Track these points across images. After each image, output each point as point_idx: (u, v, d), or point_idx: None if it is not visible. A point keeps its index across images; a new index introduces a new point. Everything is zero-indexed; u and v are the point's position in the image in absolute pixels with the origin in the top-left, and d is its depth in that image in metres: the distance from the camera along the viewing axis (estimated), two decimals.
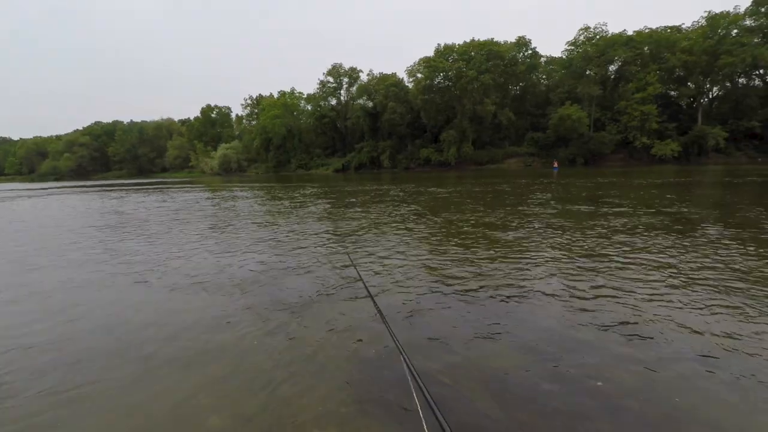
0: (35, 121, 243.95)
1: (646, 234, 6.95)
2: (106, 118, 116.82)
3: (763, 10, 41.62)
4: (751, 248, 5.74)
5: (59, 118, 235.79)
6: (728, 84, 45.00)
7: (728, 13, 42.50)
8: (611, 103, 46.13)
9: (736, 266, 4.93)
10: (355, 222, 9.52)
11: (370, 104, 59.28)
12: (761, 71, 43.81)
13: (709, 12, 43.42)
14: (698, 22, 45.26)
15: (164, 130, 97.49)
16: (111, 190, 29.08)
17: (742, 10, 42.45)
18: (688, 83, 45.61)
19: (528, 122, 51.79)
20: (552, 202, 12.19)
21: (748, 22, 42.20)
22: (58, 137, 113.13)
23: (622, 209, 9.93)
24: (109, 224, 10.77)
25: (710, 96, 47.05)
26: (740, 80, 44.87)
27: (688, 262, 5.17)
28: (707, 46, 41.38)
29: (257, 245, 7.25)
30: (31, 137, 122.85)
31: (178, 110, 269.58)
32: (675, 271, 4.82)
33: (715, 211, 9.33)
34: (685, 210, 9.66)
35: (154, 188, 29.89)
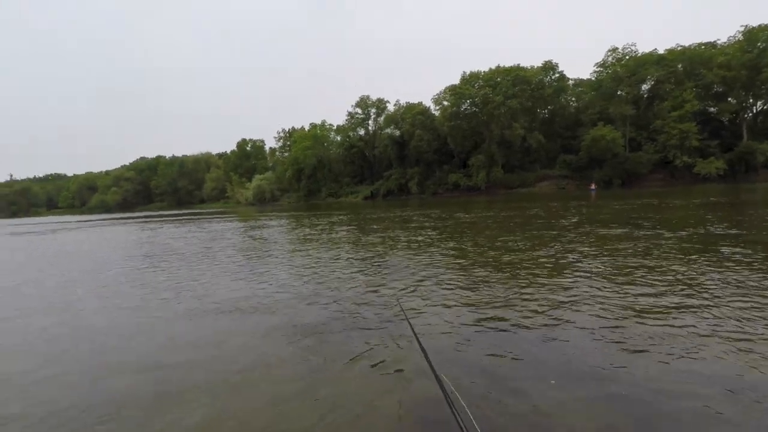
0: (86, 158, 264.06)
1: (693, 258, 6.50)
2: (151, 153, 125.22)
3: None
4: None
5: (108, 153, 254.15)
6: None
7: (767, 26, 41.01)
8: (647, 122, 44.79)
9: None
10: (379, 246, 9.50)
11: (397, 133, 60.46)
12: None
13: (746, 26, 42.08)
14: (734, 36, 43.85)
15: (203, 163, 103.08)
16: (150, 221, 30.66)
17: None
18: (729, 99, 43.77)
19: (559, 144, 50.93)
20: (590, 224, 11.71)
21: None
22: (107, 173, 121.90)
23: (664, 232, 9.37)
24: (140, 254, 11.28)
25: (754, 110, 44.85)
26: None
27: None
28: (746, 59, 39.86)
29: (287, 272, 7.34)
30: (83, 173, 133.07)
31: (217, 144, 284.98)
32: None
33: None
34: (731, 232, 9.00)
35: (189, 219, 31.23)
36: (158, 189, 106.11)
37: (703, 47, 45.43)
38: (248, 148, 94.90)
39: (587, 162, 45.53)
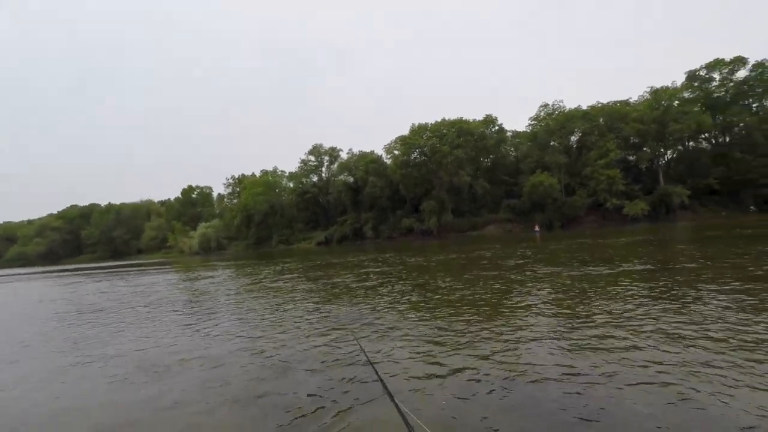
0: (4, 205, 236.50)
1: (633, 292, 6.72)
2: (83, 201, 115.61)
3: (696, 84, 47.19)
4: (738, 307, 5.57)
5: (34, 201, 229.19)
6: (680, 147, 49.09)
7: (668, 87, 47.91)
8: (578, 170, 49.04)
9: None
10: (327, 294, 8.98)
11: (351, 179, 61.19)
12: (706, 135, 48.33)
13: (652, 87, 48.87)
14: (643, 96, 50.53)
15: (143, 211, 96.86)
16: (73, 275, 27.47)
17: (678, 84, 48.07)
18: (644, 148, 49.46)
19: (502, 190, 54.06)
20: (541, 265, 12.04)
21: (686, 94, 47.49)
22: (30, 222, 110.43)
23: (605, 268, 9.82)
24: (46, 317, 9.80)
25: (666, 158, 50.85)
26: (690, 144, 49.12)
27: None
28: (655, 115, 45.70)
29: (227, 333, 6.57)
30: (0, 223, 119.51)
31: (159, 191, 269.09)
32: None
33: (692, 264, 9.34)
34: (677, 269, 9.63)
35: (126, 271, 28.46)
36: (90, 239, 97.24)
37: (618, 104, 51.66)
38: (194, 195, 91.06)
39: (530, 206, 48.43)
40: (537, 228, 43.72)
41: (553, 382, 3.72)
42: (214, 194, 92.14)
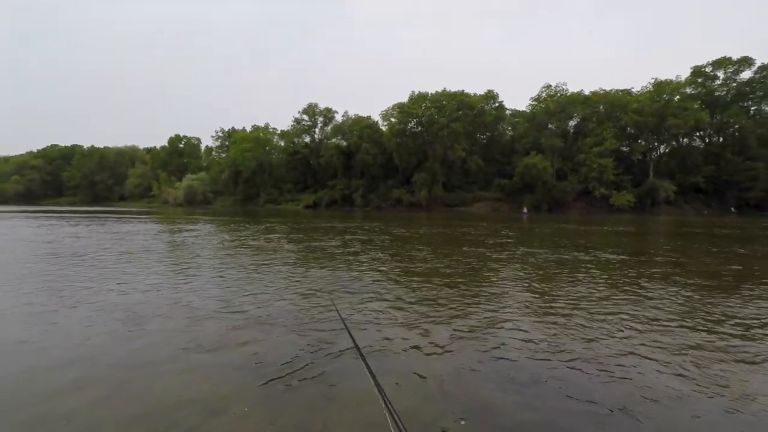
0: None
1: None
2: (64, 142, 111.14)
3: (699, 80, 46.84)
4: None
5: (10, 138, 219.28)
6: (674, 143, 49.32)
7: (671, 80, 47.42)
8: (572, 155, 49.06)
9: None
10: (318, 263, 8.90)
11: (344, 143, 60.07)
12: (701, 133, 48.54)
13: (656, 79, 48.35)
14: (646, 87, 50.06)
15: (127, 156, 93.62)
16: (50, 216, 26.71)
17: (683, 78, 47.59)
18: (639, 140, 49.57)
19: (495, 169, 53.94)
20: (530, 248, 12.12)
21: (688, 90, 47.22)
22: (6, 159, 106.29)
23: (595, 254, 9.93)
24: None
25: (659, 152, 51.20)
26: (684, 140, 49.37)
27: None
28: (655, 108, 45.50)
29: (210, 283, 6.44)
30: None
31: (144, 139, 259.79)
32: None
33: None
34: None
35: (106, 218, 27.80)
36: (71, 181, 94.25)
37: (620, 93, 51.17)
38: (181, 145, 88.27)
39: (521, 187, 48.60)
40: (525, 210, 44.09)
41: (512, 349, 4.00)
42: (202, 146, 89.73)
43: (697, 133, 48.74)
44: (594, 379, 3.33)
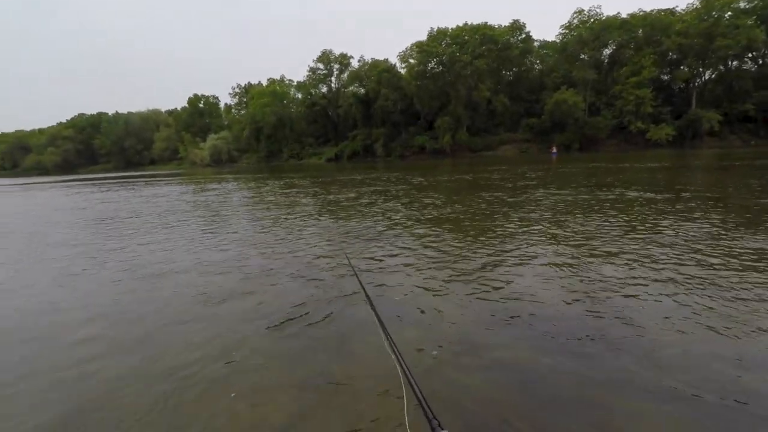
0: (16, 115, 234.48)
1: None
2: (90, 110, 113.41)
3: None
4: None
5: (40, 110, 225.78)
6: (722, 67, 44.83)
7: None
8: (606, 88, 45.78)
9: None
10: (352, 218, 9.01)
11: (362, 91, 58.29)
12: (754, 53, 43.70)
13: None
14: (693, 4, 44.76)
15: (151, 121, 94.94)
16: (87, 185, 28.05)
17: None
18: (682, 66, 45.35)
19: (522, 108, 51.26)
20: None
21: (742, 4, 41.90)
22: (41, 131, 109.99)
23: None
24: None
25: (703, 79, 46.90)
26: (733, 63, 44.74)
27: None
28: (702, 28, 41.01)
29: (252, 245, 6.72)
30: (13, 131, 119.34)
31: (165, 101, 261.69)
32: None
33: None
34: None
35: (135, 181, 28.90)
36: (103, 149, 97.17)
37: (662, 13, 46.17)
38: (201, 105, 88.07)
39: (550, 125, 46.29)
40: (554, 149, 42.38)
41: (525, 301, 3.79)
42: (222, 105, 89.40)
43: (749, 54, 43.87)
44: (584, 319, 3.29)
